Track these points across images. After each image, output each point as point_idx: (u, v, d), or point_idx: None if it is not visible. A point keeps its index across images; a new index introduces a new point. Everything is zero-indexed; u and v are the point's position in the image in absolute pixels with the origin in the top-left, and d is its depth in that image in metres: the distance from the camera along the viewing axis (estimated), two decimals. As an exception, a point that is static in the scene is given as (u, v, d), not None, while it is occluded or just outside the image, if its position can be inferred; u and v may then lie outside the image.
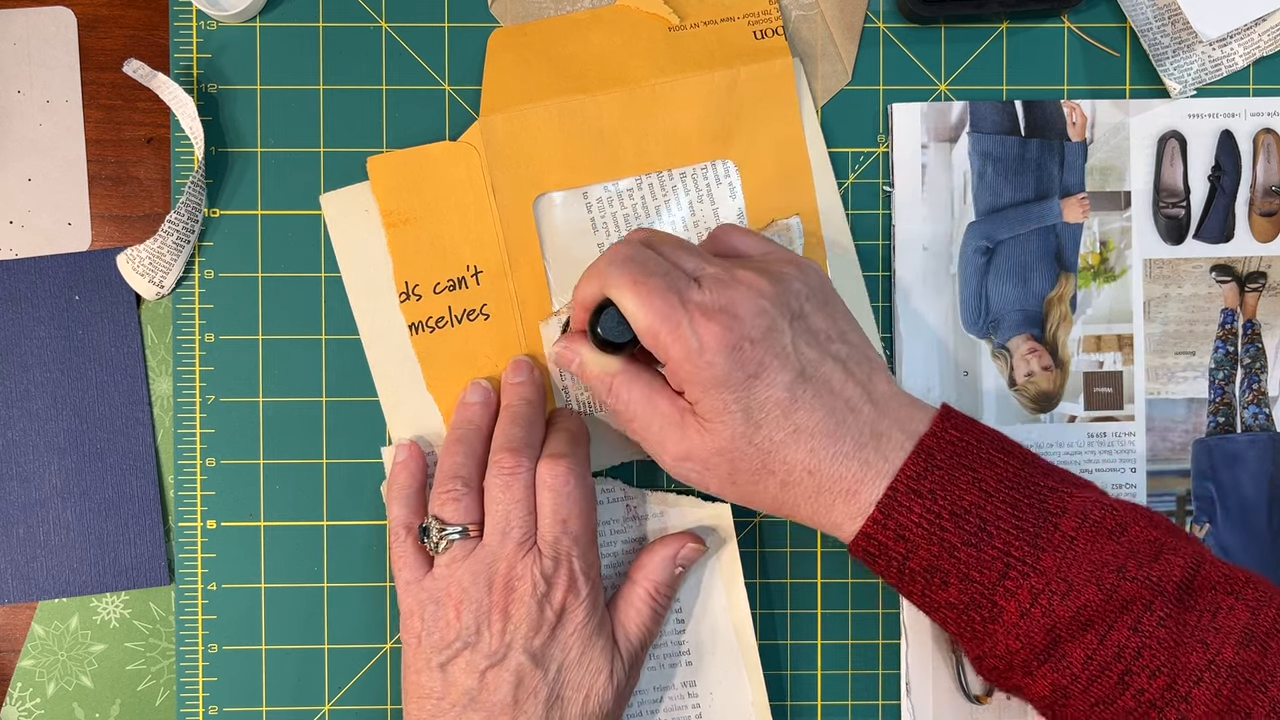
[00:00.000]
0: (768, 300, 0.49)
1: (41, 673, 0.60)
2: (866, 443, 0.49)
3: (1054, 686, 0.48)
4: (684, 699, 0.59)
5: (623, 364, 0.52)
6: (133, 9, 0.60)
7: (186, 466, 0.59)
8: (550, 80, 0.59)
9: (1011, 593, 0.48)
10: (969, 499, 0.48)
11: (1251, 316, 0.61)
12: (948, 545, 0.48)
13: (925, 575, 0.49)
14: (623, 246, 0.51)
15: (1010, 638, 0.48)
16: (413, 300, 0.59)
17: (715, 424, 0.49)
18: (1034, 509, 0.48)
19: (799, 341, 0.50)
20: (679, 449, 0.51)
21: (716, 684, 0.59)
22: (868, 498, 0.49)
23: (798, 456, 0.49)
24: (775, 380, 0.49)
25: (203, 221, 0.59)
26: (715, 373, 0.48)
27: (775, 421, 0.49)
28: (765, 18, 0.59)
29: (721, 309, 0.49)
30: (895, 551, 0.49)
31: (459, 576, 0.53)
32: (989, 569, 0.48)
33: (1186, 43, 0.60)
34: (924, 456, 0.49)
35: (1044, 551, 0.48)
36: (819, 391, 0.49)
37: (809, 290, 0.51)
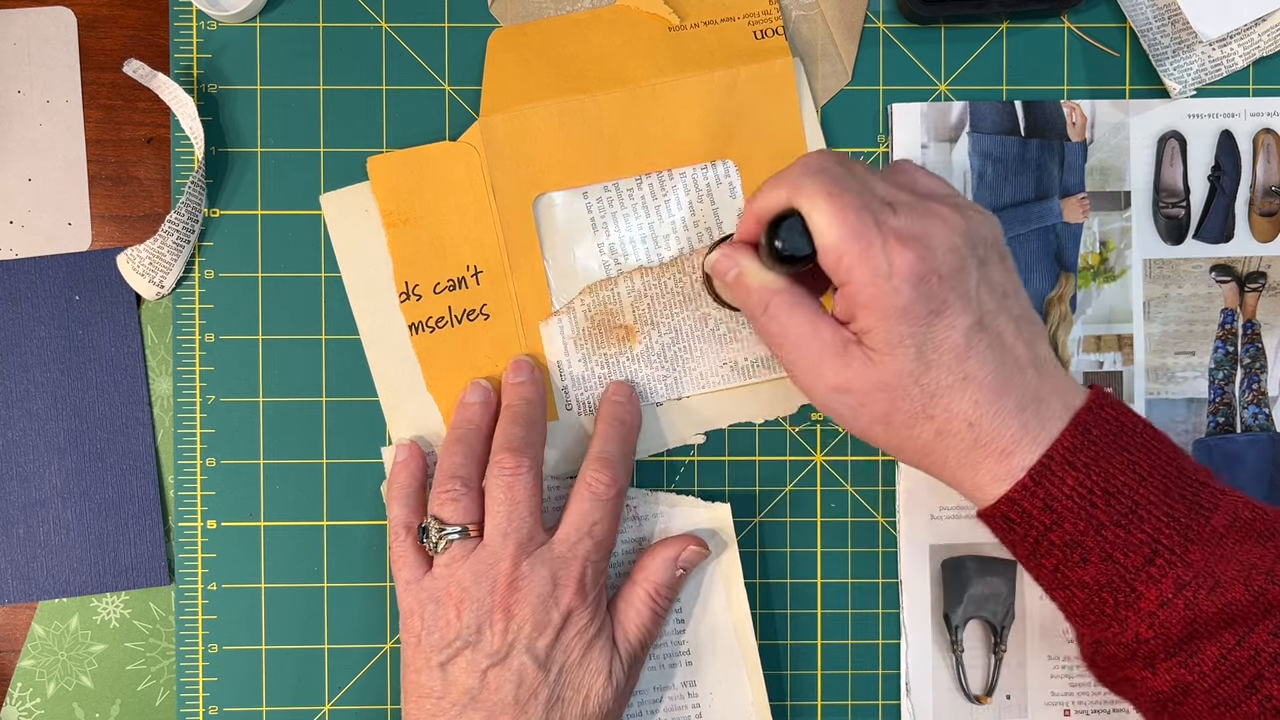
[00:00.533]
0: (960, 238, 0.48)
1: (41, 673, 0.60)
2: (1028, 405, 0.48)
3: (1176, 682, 0.47)
4: (684, 699, 0.59)
5: (787, 283, 0.50)
6: (133, 9, 0.60)
7: (186, 466, 0.59)
8: (550, 80, 0.59)
9: (1155, 580, 0.47)
10: (1122, 479, 0.47)
11: (1251, 316, 0.61)
12: (1095, 523, 0.47)
13: (1064, 550, 0.48)
14: (816, 157, 0.49)
15: (1144, 625, 0.47)
16: (413, 300, 0.59)
17: (885, 356, 0.48)
18: (1186, 500, 0.47)
19: (982, 288, 0.48)
20: (838, 379, 0.49)
21: (716, 684, 0.59)
22: (1020, 462, 0.48)
23: (961, 405, 0.48)
24: (955, 322, 0.47)
25: (203, 221, 0.59)
26: (900, 301, 0.47)
27: (946, 364, 0.47)
28: (765, 18, 0.59)
29: (916, 237, 0.47)
30: (1039, 521, 0.48)
31: (459, 576, 0.52)
32: (1135, 552, 0.47)
33: (1186, 43, 0.60)
34: (1081, 430, 0.47)
35: (1193, 544, 0.47)
36: (993, 343, 0.48)
37: (993, 238, 0.50)
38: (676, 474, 0.60)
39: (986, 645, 0.60)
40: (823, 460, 0.60)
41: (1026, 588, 0.60)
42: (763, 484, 0.60)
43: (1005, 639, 0.60)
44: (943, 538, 0.60)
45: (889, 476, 0.60)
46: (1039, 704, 0.60)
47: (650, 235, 0.59)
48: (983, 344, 0.48)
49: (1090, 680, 0.60)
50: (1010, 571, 0.60)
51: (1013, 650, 0.60)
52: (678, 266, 0.59)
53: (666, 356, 0.59)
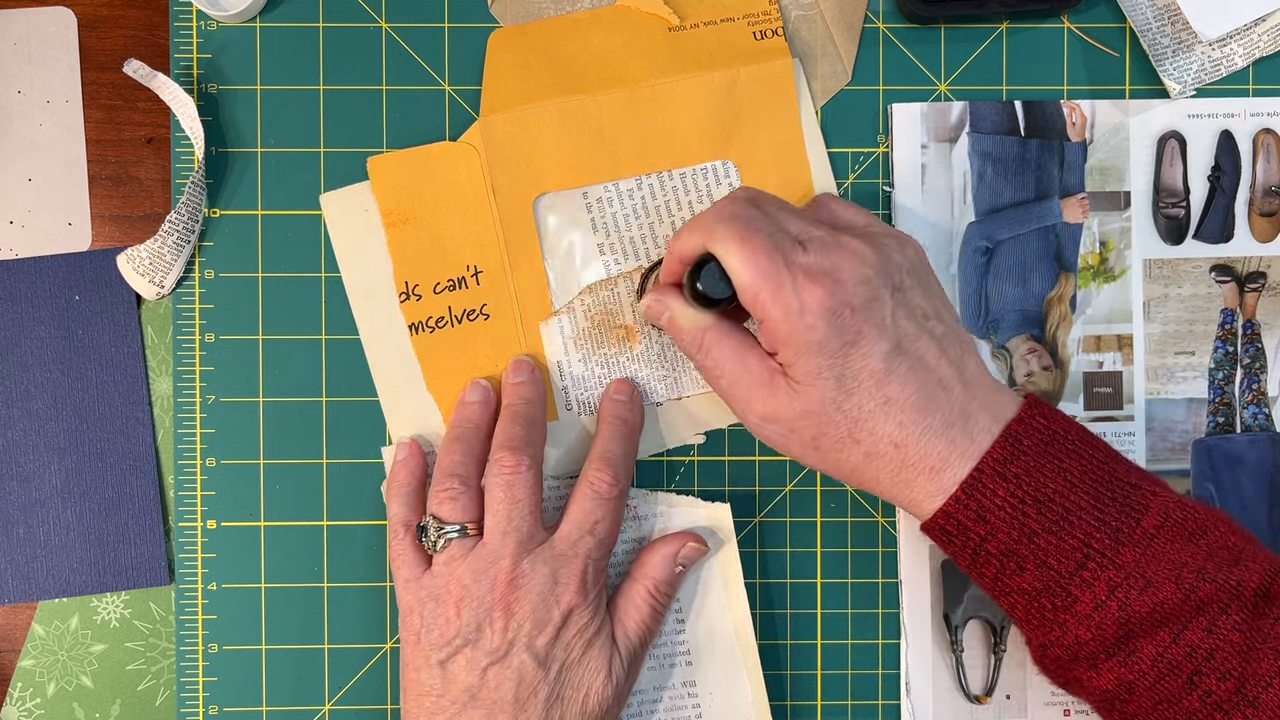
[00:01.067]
0: (871, 269, 0.49)
1: (42, 673, 0.60)
2: (955, 422, 0.49)
3: (1119, 681, 0.48)
4: (684, 699, 0.59)
5: (715, 319, 0.52)
6: (133, 9, 0.60)
7: (186, 466, 0.59)
8: (550, 80, 0.59)
9: (1088, 583, 0.48)
10: (1053, 487, 0.48)
11: (1251, 316, 0.61)
12: (1028, 531, 0.48)
13: (1001, 559, 0.49)
14: (728, 203, 0.51)
15: (1082, 628, 0.48)
16: (413, 300, 0.59)
17: (806, 387, 0.49)
18: (1117, 503, 0.48)
19: (898, 314, 0.50)
20: (766, 409, 0.51)
21: (716, 684, 0.59)
22: (951, 477, 0.49)
23: (886, 429, 0.49)
24: (872, 350, 0.49)
25: (203, 221, 0.59)
26: (814, 336, 0.48)
27: (867, 391, 0.49)
28: (765, 18, 0.59)
29: (825, 273, 0.49)
30: (974, 532, 0.49)
31: (459, 574, 0.53)
32: (1068, 558, 0.48)
33: (1186, 43, 0.60)
34: (1011, 441, 0.49)
35: (1124, 546, 0.48)
36: (913, 366, 0.49)
37: (909, 265, 0.51)
38: (676, 474, 0.60)
39: (986, 645, 0.60)
40: (823, 460, 0.60)
41: (1026, 588, 0.60)
42: (763, 484, 0.60)
43: (1005, 639, 0.60)
44: (943, 538, 0.60)
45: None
46: (1039, 704, 0.60)
47: (650, 235, 0.59)
48: (903, 368, 0.49)
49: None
50: (1010, 571, 0.60)
51: (1013, 650, 0.60)
52: (678, 266, 0.59)
53: (666, 356, 0.59)
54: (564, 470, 0.59)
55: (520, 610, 0.52)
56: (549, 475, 0.59)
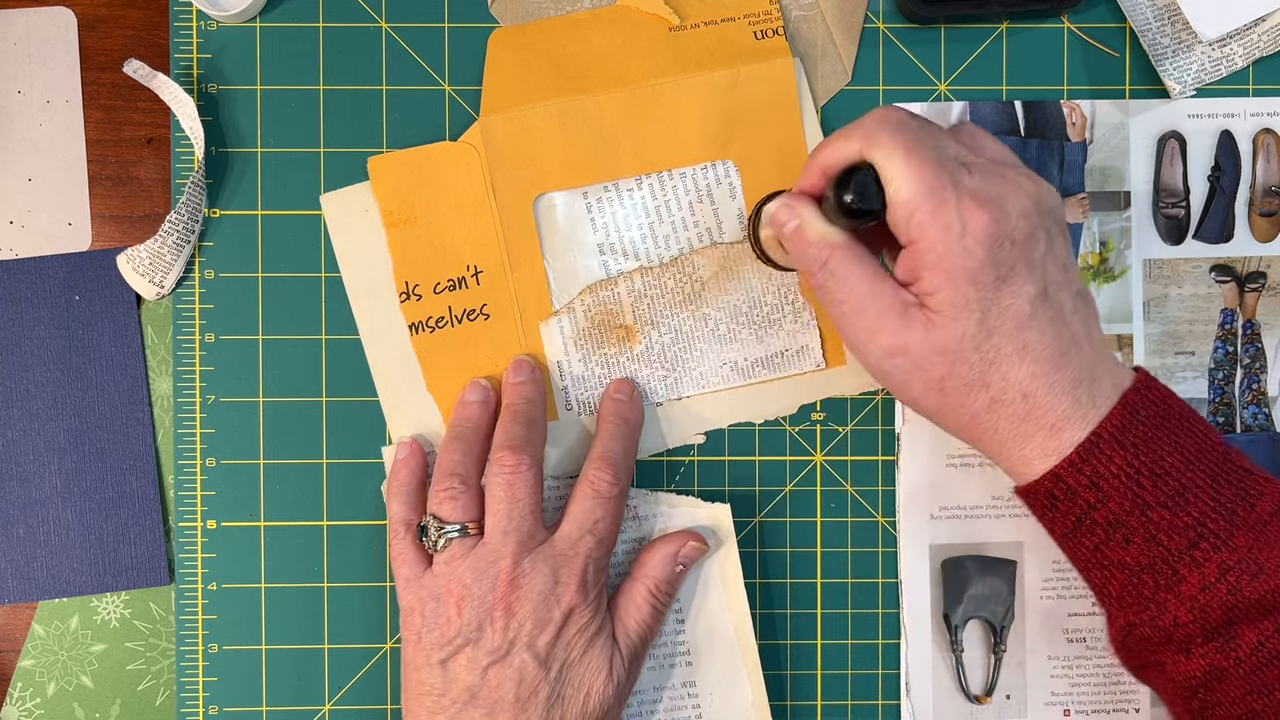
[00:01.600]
0: (1034, 205, 0.47)
1: (42, 672, 0.60)
2: (1083, 381, 0.47)
3: (1210, 667, 0.47)
4: (684, 699, 0.59)
5: (847, 238, 0.49)
6: (133, 9, 0.60)
7: (186, 466, 0.59)
8: (550, 80, 0.59)
9: (1198, 563, 0.46)
10: (1170, 461, 0.47)
11: (1251, 316, 0.61)
12: (1141, 503, 0.46)
13: (1107, 529, 0.47)
14: (891, 111, 0.48)
15: (1183, 609, 0.46)
16: (413, 300, 0.59)
17: (948, 319, 0.47)
18: (1233, 485, 0.47)
19: (1048, 259, 0.48)
20: (895, 340, 0.48)
21: (716, 684, 0.59)
22: (1070, 438, 0.47)
23: (1018, 375, 0.47)
24: (1021, 290, 0.47)
25: (203, 221, 0.59)
26: (971, 262, 0.46)
27: (1008, 332, 0.47)
28: (765, 18, 0.59)
29: (991, 199, 0.46)
30: (1083, 499, 0.47)
31: (460, 574, 0.53)
32: (1180, 535, 0.46)
33: (1186, 43, 0.60)
34: (1130, 410, 0.47)
35: (1239, 529, 0.46)
36: (1054, 316, 0.47)
37: (1059, 213, 0.49)
38: (676, 474, 0.60)
39: (986, 645, 0.60)
40: (823, 460, 0.60)
41: (1026, 587, 0.60)
42: (763, 484, 0.60)
43: (1005, 639, 0.60)
44: (942, 538, 0.60)
45: (889, 476, 0.61)
46: (1039, 704, 0.60)
47: (650, 235, 0.59)
48: (1045, 315, 0.47)
49: (1090, 680, 0.60)
50: (1010, 571, 0.60)
51: (1013, 650, 0.60)
52: (678, 266, 0.59)
53: (666, 356, 0.60)
54: (564, 470, 0.59)
55: (521, 610, 0.52)
56: (549, 475, 0.59)
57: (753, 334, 0.59)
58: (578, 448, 0.60)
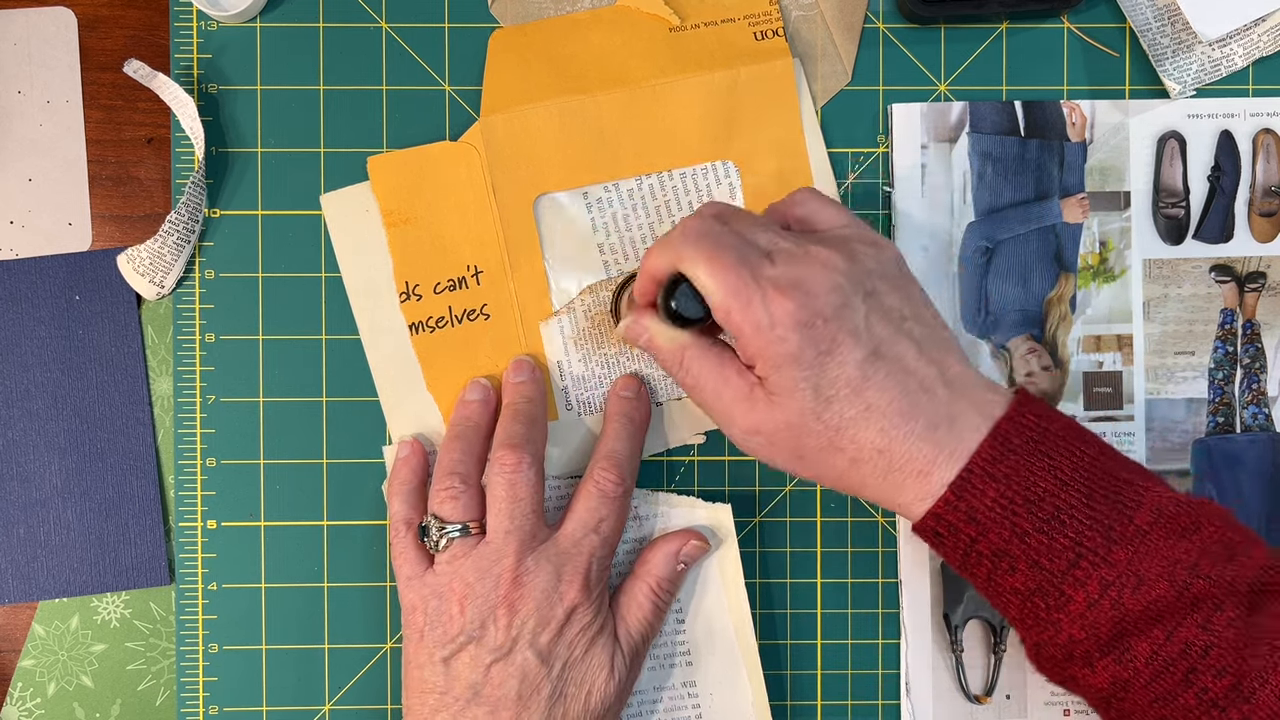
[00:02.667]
0: (841, 276, 0.49)
1: (42, 672, 0.60)
2: (940, 424, 0.48)
3: (1114, 679, 0.48)
4: (684, 699, 0.59)
5: (693, 337, 0.52)
6: (133, 9, 0.60)
7: (187, 466, 0.59)
8: (550, 80, 0.59)
9: (1080, 582, 0.47)
10: (1043, 485, 0.48)
11: (1251, 316, 0.61)
12: (1019, 531, 0.48)
13: (993, 559, 0.48)
14: (695, 220, 0.51)
15: (1075, 627, 0.48)
16: (413, 300, 0.59)
17: (784, 399, 0.49)
18: (1108, 501, 0.48)
19: (872, 319, 0.49)
20: (747, 422, 0.50)
21: (716, 684, 0.59)
22: (939, 479, 0.48)
23: (868, 435, 0.48)
24: (847, 358, 0.48)
25: (203, 221, 0.59)
26: (787, 348, 0.48)
27: (846, 399, 0.48)
28: (765, 18, 0.59)
29: (794, 284, 0.48)
30: (964, 533, 0.48)
31: (462, 572, 0.53)
32: (1059, 557, 0.47)
33: (1186, 43, 0.60)
34: (1000, 440, 0.48)
35: (1116, 544, 0.47)
36: (892, 370, 0.49)
37: (883, 268, 0.50)
38: (676, 474, 0.60)
39: (986, 645, 0.60)
40: (823, 460, 0.60)
41: (1026, 588, 0.60)
42: (763, 484, 0.60)
43: (1005, 639, 0.60)
44: (942, 538, 0.60)
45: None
46: (1039, 704, 0.60)
47: (650, 235, 0.59)
48: (880, 373, 0.48)
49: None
50: (1010, 571, 0.60)
51: (1012, 650, 0.60)
52: (678, 266, 0.59)
53: (666, 356, 0.59)
54: (565, 470, 0.59)
55: (524, 608, 0.52)
56: (550, 475, 0.59)
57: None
58: (578, 447, 0.60)
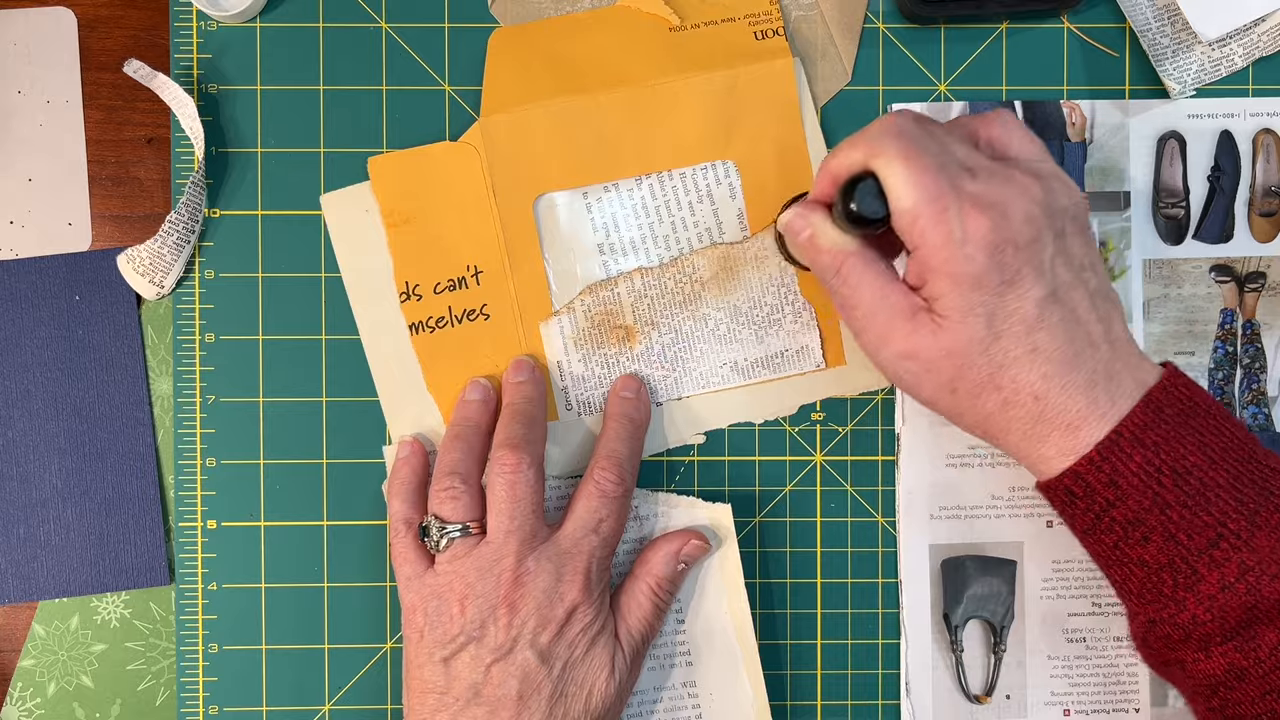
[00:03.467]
0: (1039, 208, 0.47)
1: (42, 672, 0.60)
2: (1098, 381, 0.47)
3: (1231, 666, 0.47)
4: (684, 699, 0.59)
5: (860, 245, 0.49)
6: (133, 9, 0.60)
7: (187, 466, 0.59)
8: (551, 81, 0.59)
9: (1218, 563, 0.46)
10: (1192, 459, 0.46)
11: (1251, 316, 0.61)
12: (1161, 502, 0.46)
13: (1125, 527, 0.47)
14: (895, 118, 0.48)
15: (1201, 608, 0.46)
16: (413, 300, 0.59)
17: (954, 324, 0.47)
18: (1256, 485, 0.47)
19: (1058, 260, 0.47)
20: (905, 345, 0.48)
21: (716, 684, 0.59)
22: (1087, 437, 0.47)
23: (1029, 378, 0.47)
24: (1028, 293, 0.47)
25: (203, 221, 0.59)
26: (972, 268, 0.46)
27: (1016, 335, 0.47)
28: (766, 18, 0.59)
29: (993, 204, 0.46)
30: (1102, 496, 0.47)
31: (463, 572, 0.53)
32: (1199, 534, 0.46)
33: (1186, 43, 0.60)
34: (1153, 408, 0.47)
35: (1260, 530, 0.46)
36: (1065, 317, 0.47)
37: (1074, 210, 0.49)
38: (676, 474, 0.60)
39: (986, 645, 0.60)
40: (823, 460, 0.60)
41: (1026, 587, 0.60)
42: (763, 484, 0.60)
43: (1005, 639, 0.60)
44: (942, 538, 0.60)
45: (889, 476, 0.61)
46: (1039, 704, 0.60)
47: (650, 235, 0.59)
48: (1055, 317, 0.47)
49: (1090, 680, 0.60)
50: (1010, 571, 0.60)
51: (1012, 650, 0.60)
52: (677, 267, 0.59)
53: (666, 357, 0.60)
54: (565, 470, 0.59)
55: (524, 607, 0.52)
56: (550, 475, 0.59)
57: (753, 334, 0.59)
58: (578, 448, 0.60)
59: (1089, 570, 0.60)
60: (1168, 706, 0.60)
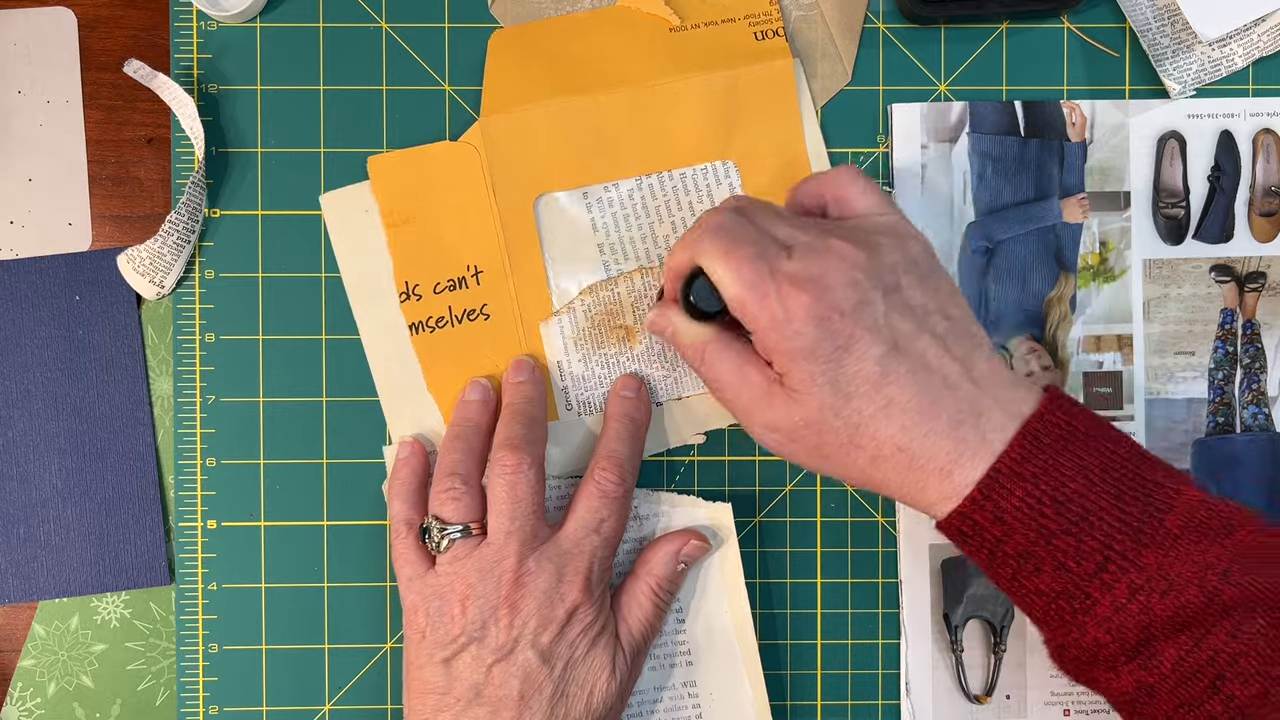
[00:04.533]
0: (859, 272, 0.48)
1: (42, 672, 0.60)
2: (964, 420, 0.48)
3: (1139, 684, 0.47)
4: (684, 699, 0.59)
5: (715, 332, 0.52)
6: (133, 9, 0.60)
7: (187, 466, 0.59)
8: (551, 81, 0.59)
9: (1108, 586, 0.46)
10: (1072, 486, 0.47)
11: (1251, 316, 0.61)
12: (1046, 532, 0.47)
13: (1018, 560, 0.48)
14: (715, 214, 0.50)
15: (1100, 631, 0.47)
16: (413, 300, 0.59)
17: (804, 395, 0.48)
18: (1139, 502, 0.47)
19: (893, 315, 0.48)
20: (766, 419, 0.50)
21: (717, 684, 0.59)
22: (963, 478, 0.47)
23: (888, 432, 0.48)
24: (865, 354, 0.47)
25: (203, 221, 0.59)
26: (802, 343, 0.47)
27: (865, 395, 0.48)
28: (766, 19, 0.59)
29: (811, 279, 0.47)
30: (990, 534, 0.48)
31: (464, 573, 0.52)
32: (1087, 560, 0.47)
33: (1186, 43, 0.60)
34: (1029, 439, 0.47)
35: (1146, 547, 0.46)
36: (913, 367, 0.48)
37: (907, 262, 0.50)
38: (676, 474, 0.60)
39: (986, 645, 0.60)
40: (823, 460, 0.60)
41: (1026, 588, 0.60)
42: (763, 484, 0.60)
43: (1005, 639, 0.60)
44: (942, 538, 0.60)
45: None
46: (1039, 704, 0.60)
47: (650, 235, 0.59)
48: (902, 369, 0.48)
49: (1090, 680, 0.60)
50: (1010, 571, 0.60)
51: (1012, 650, 0.60)
52: (678, 266, 0.59)
53: (666, 356, 0.59)
54: (565, 470, 0.59)
55: (525, 607, 0.52)
56: (551, 475, 0.59)
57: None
58: (578, 448, 0.60)
59: (1089, 570, 0.60)
60: (1168, 706, 0.60)
